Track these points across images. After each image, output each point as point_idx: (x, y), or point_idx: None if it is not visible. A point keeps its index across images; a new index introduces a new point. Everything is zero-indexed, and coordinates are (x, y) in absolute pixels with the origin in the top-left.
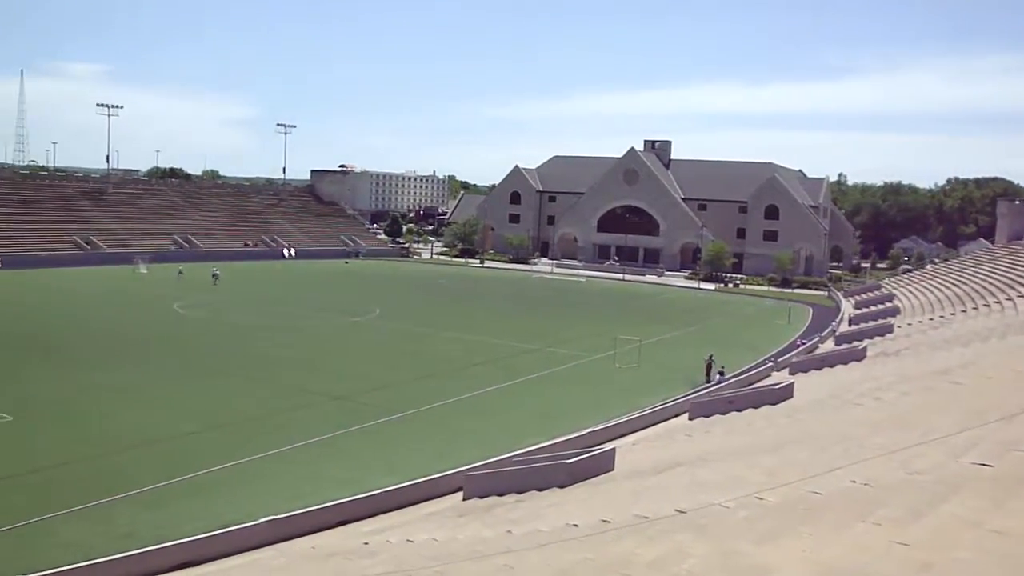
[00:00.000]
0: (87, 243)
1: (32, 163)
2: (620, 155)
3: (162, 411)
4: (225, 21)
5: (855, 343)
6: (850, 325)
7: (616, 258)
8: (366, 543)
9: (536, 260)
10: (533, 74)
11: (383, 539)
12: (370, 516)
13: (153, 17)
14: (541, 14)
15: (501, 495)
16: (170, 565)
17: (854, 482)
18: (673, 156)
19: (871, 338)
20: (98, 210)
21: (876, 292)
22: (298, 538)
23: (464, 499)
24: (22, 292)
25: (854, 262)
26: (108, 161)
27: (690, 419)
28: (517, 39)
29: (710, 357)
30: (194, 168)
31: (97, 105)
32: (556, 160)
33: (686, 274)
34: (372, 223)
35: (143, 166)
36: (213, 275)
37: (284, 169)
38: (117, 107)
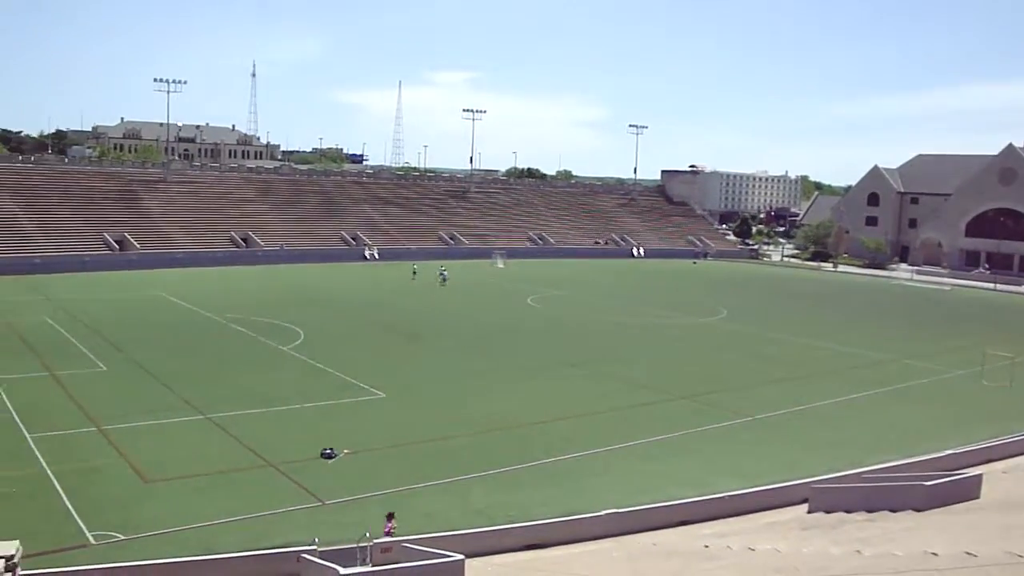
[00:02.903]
0: (451, 238)
1: (406, 164)
2: (995, 153)
3: (517, 398)
4: (578, 27)
5: None
6: None
7: (987, 266)
8: (706, 546)
9: (894, 266)
10: (891, 68)
11: (724, 544)
12: (712, 519)
13: (514, 26)
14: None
15: (849, 512)
16: (517, 545)
17: None
18: None
19: None
20: (461, 207)
21: None
22: (639, 533)
23: (809, 512)
24: (395, 282)
25: None
26: (471, 162)
27: None
28: (871, 30)
29: None
30: (549, 168)
31: (463, 110)
32: (920, 159)
33: None
34: (721, 224)
35: (502, 166)
36: (441, 275)
37: (635, 169)
38: (480, 112)
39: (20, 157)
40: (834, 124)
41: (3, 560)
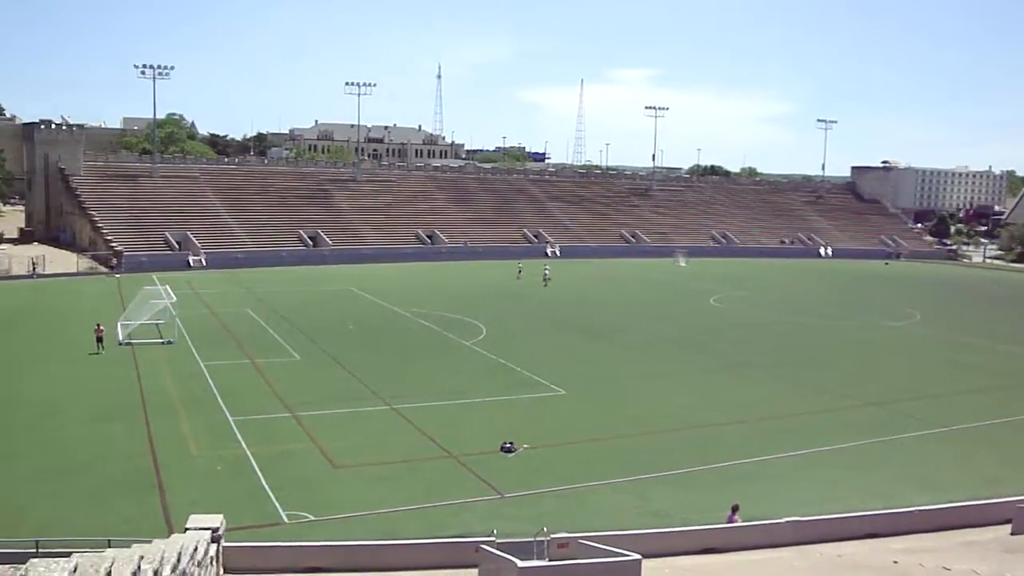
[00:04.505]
0: (632, 236)
1: (587, 163)
2: None
3: (695, 399)
4: (762, 20)
5: None
6: None
7: None
8: (895, 562)
9: None
10: None
11: (915, 560)
12: (901, 534)
13: (696, 21)
14: None
15: None
16: (695, 548)
17: None
18: None
19: None
20: (643, 206)
21: None
22: (821, 544)
23: (1012, 533)
24: (576, 279)
25: None
26: (653, 160)
27: None
28: None
29: None
30: (733, 165)
31: (645, 108)
32: None
33: None
34: (916, 222)
35: (685, 164)
36: (544, 275)
37: (823, 166)
38: (663, 109)
39: (225, 159)
40: None
41: (209, 531)
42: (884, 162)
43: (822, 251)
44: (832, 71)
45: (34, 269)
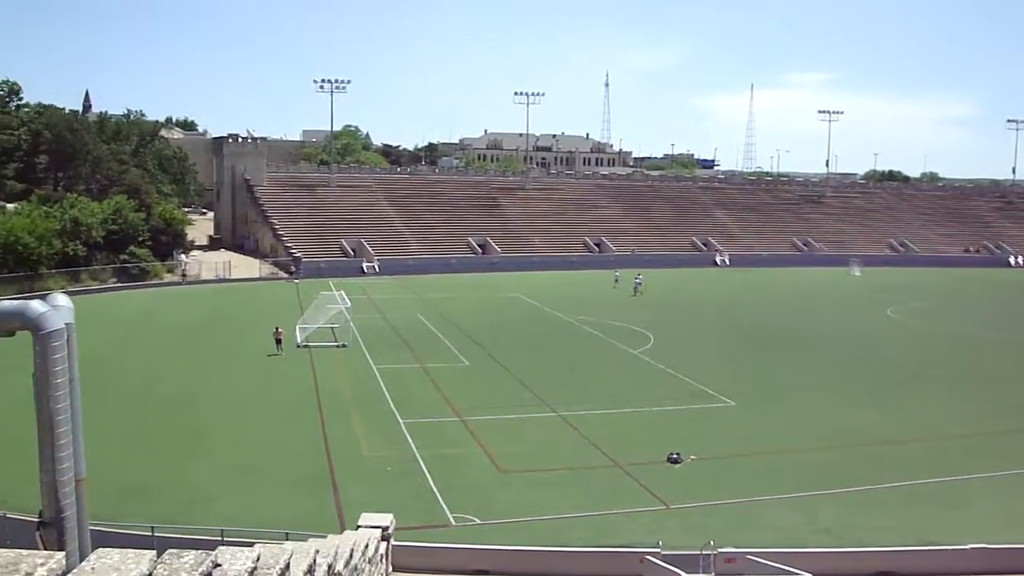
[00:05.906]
0: (805, 244)
1: (758, 169)
2: None
3: (870, 413)
4: (944, 16)
5: None
6: None
7: None
8: None
9: None
10: None
11: None
12: None
13: (875, 22)
14: None
15: None
16: (869, 570)
17: None
18: None
19: None
20: (816, 213)
21: None
22: (1010, 574)
23: None
24: (745, 289)
25: None
26: (827, 165)
27: None
28: None
29: None
30: (912, 170)
31: (818, 112)
32: None
33: None
34: None
35: (860, 169)
36: (635, 283)
37: (1013, 169)
38: (837, 113)
39: (398, 169)
40: None
41: (380, 530)
42: None
43: (1012, 260)
44: (1022, 67)
45: (184, 276)
